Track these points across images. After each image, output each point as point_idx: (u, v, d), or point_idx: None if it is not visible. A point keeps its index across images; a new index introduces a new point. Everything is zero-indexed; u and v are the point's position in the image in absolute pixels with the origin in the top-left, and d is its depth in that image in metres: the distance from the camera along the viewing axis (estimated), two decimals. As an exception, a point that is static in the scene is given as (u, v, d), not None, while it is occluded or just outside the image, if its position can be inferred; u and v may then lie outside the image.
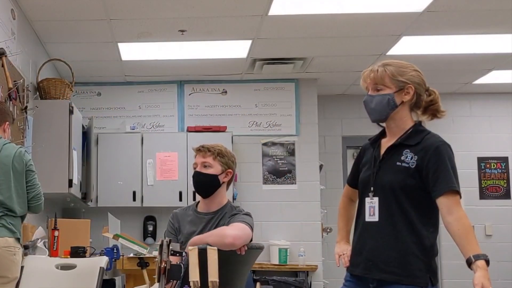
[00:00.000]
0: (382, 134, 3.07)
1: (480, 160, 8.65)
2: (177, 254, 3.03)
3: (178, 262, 3.05)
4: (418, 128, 2.96)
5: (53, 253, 4.95)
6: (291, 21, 5.99)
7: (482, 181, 8.62)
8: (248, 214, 3.67)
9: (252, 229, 3.59)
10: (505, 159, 8.66)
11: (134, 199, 7.52)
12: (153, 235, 7.75)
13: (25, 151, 4.09)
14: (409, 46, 6.69)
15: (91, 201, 7.23)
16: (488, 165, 8.65)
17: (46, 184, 5.68)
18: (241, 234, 3.45)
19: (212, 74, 7.80)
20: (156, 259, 2.95)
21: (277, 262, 7.54)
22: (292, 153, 7.92)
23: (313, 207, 7.82)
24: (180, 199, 7.15)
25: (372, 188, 2.95)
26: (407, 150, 2.89)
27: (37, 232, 5.00)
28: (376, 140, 3.07)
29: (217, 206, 3.72)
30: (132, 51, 6.88)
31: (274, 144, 7.93)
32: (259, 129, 7.97)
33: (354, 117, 8.47)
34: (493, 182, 8.63)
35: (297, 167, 7.90)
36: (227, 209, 3.71)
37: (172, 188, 7.42)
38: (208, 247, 3.07)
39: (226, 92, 8.05)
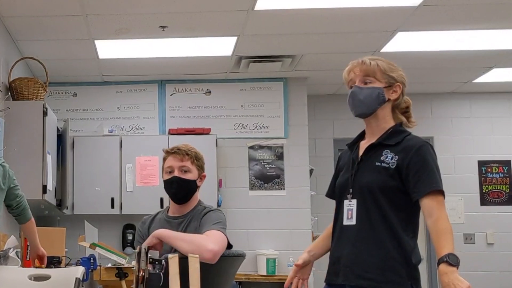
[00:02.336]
0: (361, 136, 3.14)
1: (481, 164, 8.69)
2: (156, 263, 3.06)
3: (157, 271, 3.09)
4: (398, 128, 3.03)
5: (26, 263, 4.97)
6: (279, 16, 6.00)
7: (483, 186, 8.67)
8: (219, 211, 3.70)
9: (225, 228, 3.60)
10: (507, 163, 8.70)
11: (112, 206, 7.55)
12: (133, 245, 7.67)
13: (5, 164, 4.13)
14: (404, 42, 6.71)
15: (67, 208, 7.21)
16: (489, 169, 8.69)
17: (19, 190, 5.79)
18: (220, 249, 3.42)
19: (195, 73, 7.84)
20: (134, 268, 2.98)
21: (265, 273, 7.57)
22: (280, 157, 7.96)
23: (303, 214, 7.85)
24: (162, 206, 7.10)
25: (350, 190, 3.00)
26: (387, 150, 2.95)
27: (9, 241, 4.98)
28: (354, 143, 3.14)
29: (187, 209, 3.75)
30: (109, 49, 6.89)
31: (261, 147, 7.96)
32: (245, 132, 7.99)
33: (347, 118, 8.30)
34: (495, 187, 8.67)
35: (285, 171, 7.94)
36: (197, 209, 3.73)
37: (153, 195, 7.42)
38: (190, 255, 3.12)
39: (210, 92, 8.08)
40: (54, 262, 5.00)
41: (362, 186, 2.96)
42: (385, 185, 2.90)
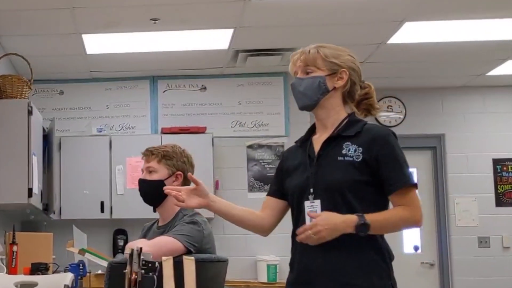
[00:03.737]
0: (312, 132, 3.09)
1: (496, 162, 8.74)
2: (149, 265, 3.15)
3: (151, 274, 3.17)
4: (354, 118, 2.99)
5: (11, 270, 5.04)
6: (279, 6, 6.02)
7: (499, 186, 8.71)
8: (191, 222, 3.66)
9: (189, 240, 3.56)
10: (524, 161, 8.72)
11: (102, 211, 7.65)
12: (124, 251, 7.78)
13: None
14: (412, 33, 6.72)
15: (54, 212, 7.24)
16: (505, 168, 8.74)
17: (3, 194, 5.82)
18: (156, 250, 3.27)
19: (189, 68, 7.88)
20: (126, 270, 3.06)
21: (265, 280, 7.64)
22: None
23: (305, 217, 7.89)
24: (155, 210, 7.14)
25: (311, 190, 2.92)
26: (347, 142, 2.90)
27: None
28: (305, 140, 3.08)
29: (169, 216, 3.82)
30: (98, 44, 6.94)
31: (260, 146, 8.03)
32: (243, 130, 8.05)
33: None
34: (511, 187, 8.73)
35: (286, 172, 7.95)
36: (177, 217, 3.78)
37: None
38: (185, 257, 3.22)
39: (205, 88, 8.16)
40: (41, 269, 5.09)
41: (326, 185, 2.89)
42: (352, 181, 2.86)
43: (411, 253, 8.76)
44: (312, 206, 2.92)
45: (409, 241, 8.78)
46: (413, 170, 8.74)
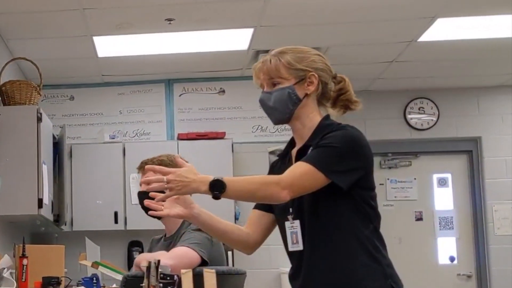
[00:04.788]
0: (291, 145, 3.06)
1: (537, 166, 8.65)
2: (168, 278, 3.22)
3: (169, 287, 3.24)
4: (324, 123, 2.93)
5: (21, 284, 5.05)
6: (301, 4, 6.04)
7: (539, 193, 8.60)
8: (199, 230, 3.71)
9: (201, 248, 3.67)
10: None
11: (116, 221, 7.71)
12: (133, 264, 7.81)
13: None
14: (445, 30, 6.73)
15: (65, 224, 7.32)
16: (546, 172, 8.64)
17: (12, 205, 5.89)
18: (177, 263, 3.44)
19: (206, 71, 7.91)
20: (143, 284, 3.12)
21: (290, 293, 7.69)
22: (305, 163, 7.98)
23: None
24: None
25: (291, 210, 2.91)
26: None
27: (2, 261, 5.01)
28: (286, 154, 3.07)
29: (175, 227, 3.94)
30: (110, 46, 7.00)
31: None
32: (264, 135, 8.12)
33: (380, 118, 8.59)
34: (554, 192, 8.61)
35: (311, 179, 7.96)
36: (182, 228, 3.89)
37: None
38: (205, 270, 3.29)
39: (224, 91, 8.22)
40: (52, 283, 5.15)
41: (300, 203, 2.88)
42: (321, 193, 2.81)
43: (447, 264, 8.79)
44: (292, 227, 2.92)
45: (445, 252, 8.81)
46: (447, 176, 8.78)
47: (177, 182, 2.71)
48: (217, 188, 2.68)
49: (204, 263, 3.68)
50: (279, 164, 3.10)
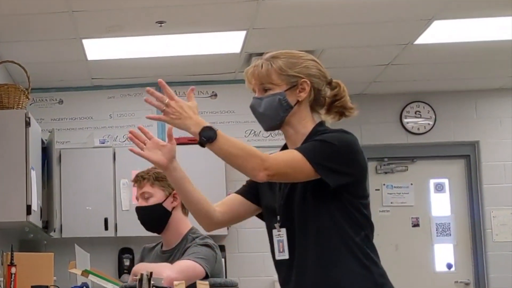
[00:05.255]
0: (285, 148, 3.05)
1: (537, 172, 8.67)
2: None
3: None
4: (317, 129, 2.93)
5: None
6: (295, 5, 6.05)
7: (538, 200, 8.62)
8: (205, 245, 3.78)
9: (207, 264, 3.70)
10: None
11: (106, 228, 7.70)
12: (130, 271, 7.79)
13: None
14: (442, 32, 6.75)
15: (54, 231, 7.30)
16: (546, 177, 8.66)
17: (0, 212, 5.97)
18: (180, 277, 3.46)
19: (198, 74, 7.95)
20: None
21: (284, 302, 7.69)
22: (300, 168, 7.99)
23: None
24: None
25: (278, 218, 2.93)
26: None
27: None
28: None
29: (176, 240, 3.94)
30: (100, 49, 7.03)
31: None
32: (258, 140, 8.10)
33: (376, 122, 8.62)
34: (554, 198, 8.61)
35: (306, 185, 7.97)
36: (185, 240, 3.89)
37: None
38: (198, 282, 3.30)
39: (216, 95, 8.26)
40: (41, 292, 5.17)
41: (289, 211, 2.90)
42: (307, 200, 2.85)
43: (444, 272, 8.82)
44: (279, 235, 2.93)
45: (442, 259, 8.84)
46: (444, 181, 8.80)
47: (175, 111, 2.75)
48: (206, 135, 2.72)
49: (206, 278, 3.69)
50: None
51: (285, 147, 3.05)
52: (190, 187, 3.06)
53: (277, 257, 2.95)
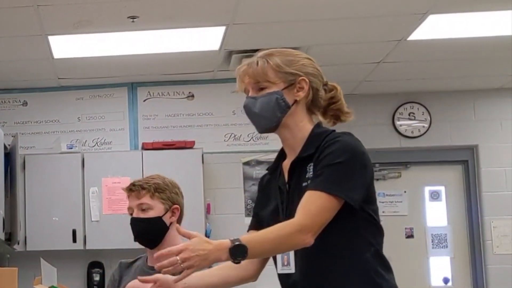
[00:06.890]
0: (281, 157, 3.08)
1: (540, 177, 8.68)
2: None
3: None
4: (316, 131, 2.95)
5: None
6: None
7: (540, 206, 8.64)
8: None
9: None
10: None
11: (74, 240, 7.70)
12: (101, 287, 7.83)
13: None
14: (437, 27, 6.75)
15: (18, 243, 7.35)
16: (550, 185, 8.69)
17: (-41, 223, 5.99)
18: None
19: (174, 73, 7.99)
20: None
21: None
22: (283, 174, 8.02)
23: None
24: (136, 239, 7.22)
25: None
26: (310, 163, 2.89)
27: None
28: (275, 168, 3.10)
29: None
30: (67, 46, 7.03)
31: (259, 163, 8.04)
32: (238, 144, 8.10)
33: (366, 124, 8.56)
34: (558, 208, 8.64)
35: (290, 193, 8.00)
36: None
37: (123, 225, 7.00)
38: None
39: (193, 96, 8.26)
40: (4, 309, 5.19)
41: None
42: None
43: (440, 287, 8.85)
44: None
45: (438, 272, 8.87)
46: (440, 189, 8.84)
47: (195, 258, 2.66)
48: (239, 255, 2.67)
49: None
50: (269, 179, 3.14)
51: (281, 152, 3.09)
52: (214, 278, 3.08)
53: (280, 271, 2.98)
